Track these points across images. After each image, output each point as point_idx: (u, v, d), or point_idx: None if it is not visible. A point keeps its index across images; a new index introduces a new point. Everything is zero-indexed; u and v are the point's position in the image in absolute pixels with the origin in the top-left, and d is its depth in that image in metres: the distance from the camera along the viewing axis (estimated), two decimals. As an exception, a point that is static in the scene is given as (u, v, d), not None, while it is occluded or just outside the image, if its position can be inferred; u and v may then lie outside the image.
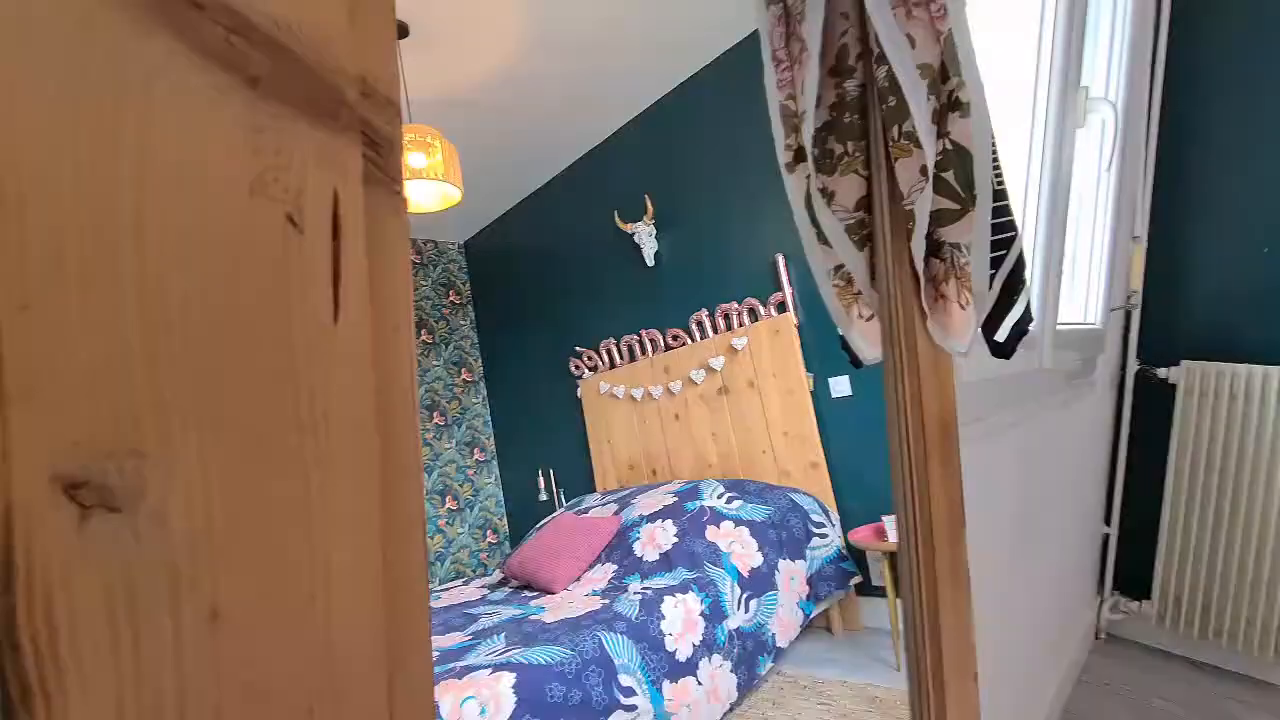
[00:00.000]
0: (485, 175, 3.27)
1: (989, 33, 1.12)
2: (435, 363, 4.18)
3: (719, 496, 2.34)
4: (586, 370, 3.44)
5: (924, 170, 0.44)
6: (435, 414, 4.12)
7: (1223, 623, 1.76)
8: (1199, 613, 1.79)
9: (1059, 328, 1.20)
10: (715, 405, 2.74)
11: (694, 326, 2.80)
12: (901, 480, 0.46)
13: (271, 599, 0.17)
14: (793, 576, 2.12)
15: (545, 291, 3.76)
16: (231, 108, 0.17)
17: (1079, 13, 1.05)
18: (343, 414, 0.18)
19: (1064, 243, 1.12)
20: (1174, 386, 1.83)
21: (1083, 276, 1.55)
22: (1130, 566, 1.97)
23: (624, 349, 3.20)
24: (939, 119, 0.44)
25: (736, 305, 2.61)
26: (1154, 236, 1.90)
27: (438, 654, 1.79)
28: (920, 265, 0.46)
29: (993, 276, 0.47)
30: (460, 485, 4.17)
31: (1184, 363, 1.80)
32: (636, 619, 1.80)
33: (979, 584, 0.94)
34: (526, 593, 2.41)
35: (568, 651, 1.62)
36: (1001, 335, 0.48)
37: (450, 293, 4.32)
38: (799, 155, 0.51)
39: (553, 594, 2.25)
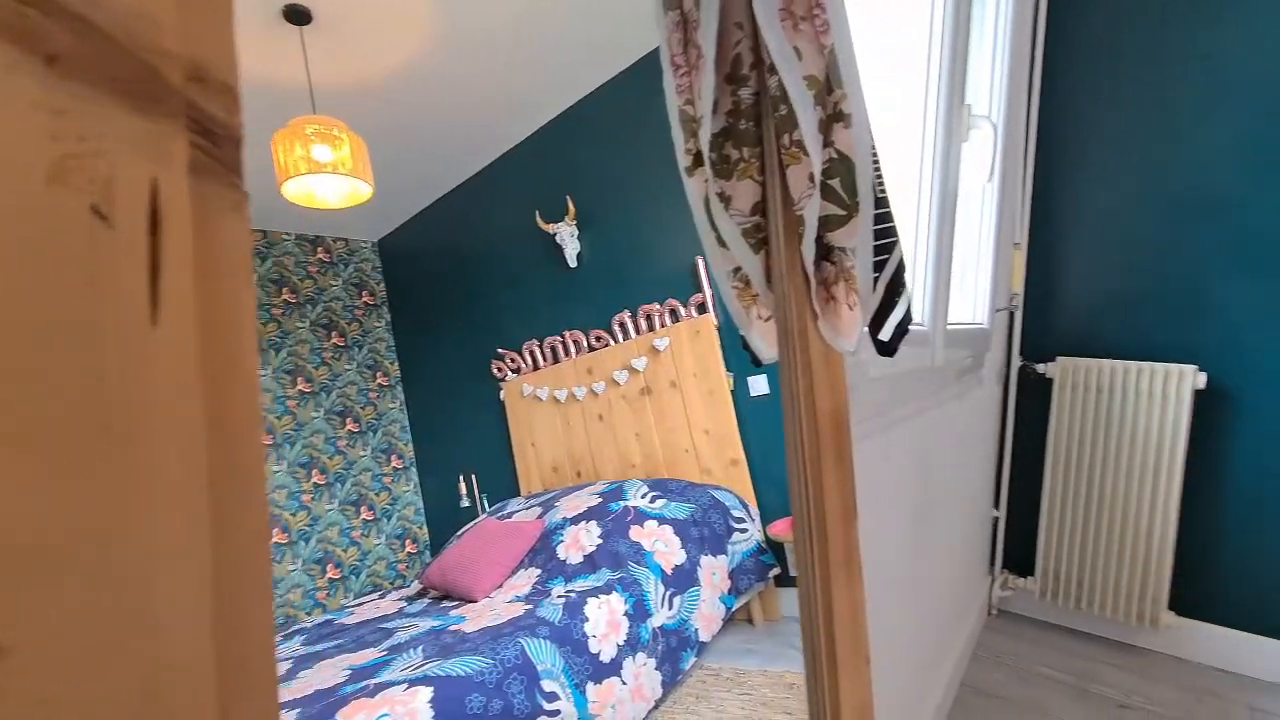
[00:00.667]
0: (399, 172, 3.15)
1: (883, 55, 1.20)
2: (348, 367, 3.98)
3: (642, 496, 2.36)
4: (509, 372, 3.38)
5: (812, 177, 0.46)
6: (349, 420, 3.93)
7: (1094, 594, 1.94)
8: (1074, 586, 1.98)
9: (950, 328, 1.29)
10: (638, 406, 2.76)
11: (616, 327, 2.81)
12: (797, 474, 0.48)
13: (74, 633, 0.15)
14: (714, 572, 2.16)
15: (465, 292, 3.66)
16: (22, 87, 0.15)
17: (962, 36, 1.13)
18: (163, 424, 0.17)
19: (953, 248, 1.21)
20: (1050, 381, 2.01)
21: (971, 280, 1.68)
22: (1017, 546, 2.14)
23: (547, 350, 3.17)
24: (825, 128, 0.46)
25: (658, 306, 2.64)
26: (1033, 243, 2.08)
27: (350, 672, 1.70)
28: (811, 268, 0.48)
29: (876, 280, 0.50)
30: (377, 494, 3.99)
31: (1059, 359, 1.98)
32: (559, 623, 1.79)
33: (879, 569, 0.99)
34: (447, 603, 2.34)
35: (488, 661, 1.58)
36: (885, 335, 0.51)
37: (363, 293, 4.13)
38: (698, 160, 0.52)
39: (474, 602, 2.19)
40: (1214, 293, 1.82)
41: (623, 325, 2.79)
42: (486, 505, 3.54)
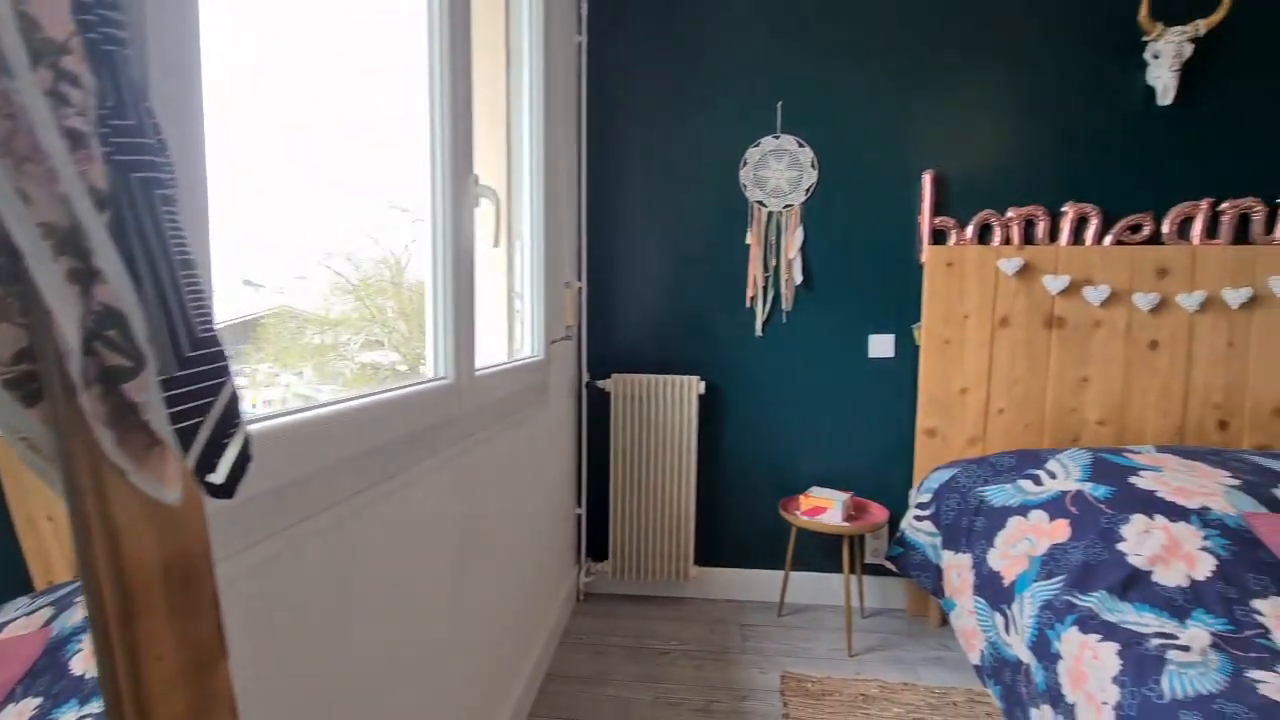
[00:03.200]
0: None
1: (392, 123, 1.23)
2: None
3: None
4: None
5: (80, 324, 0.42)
6: None
7: (648, 563, 2.40)
8: (635, 560, 2.40)
9: (485, 371, 1.40)
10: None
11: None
12: (103, 649, 0.44)
13: None
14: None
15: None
16: None
17: (463, 113, 1.23)
18: None
19: (473, 303, 1.31)
20: (609, 393, 2.39)
21: (529, 319, 1.87)
22: (597, 536, 2.50)
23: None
24: (80, 279, 0.42)
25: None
26: (594, 281, 2.44)
27: None
28: (104, 422, 0.45)
29: (200, 424, 0.49)
30: None
31: (614, 375, 2.37)
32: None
33: (414, 610, 1.02)
34: None
35: None
36: (219, 477, 0.50)
37: None
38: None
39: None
40: (707, 321, 2.41)
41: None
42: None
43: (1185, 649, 1.26)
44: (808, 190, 2.32)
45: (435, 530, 1.18)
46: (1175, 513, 1.57)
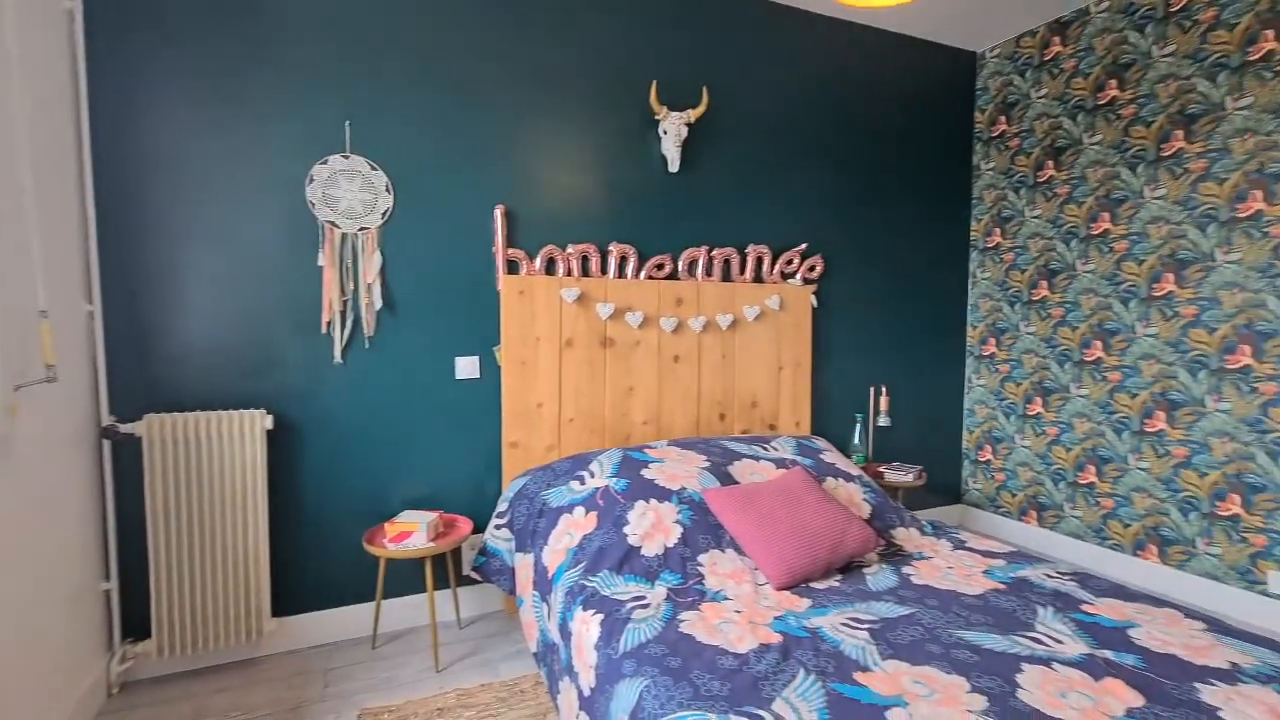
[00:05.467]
0: None
1: None
2: None
3: None
4: None
5: None
6: None
7: (208, 630, 2.07)
8: (190, 630, 2.05)
9: None
10: None
11: None
12: None
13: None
14: None
15: None
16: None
17: None
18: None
19: None
20: (140, 439, 1.99)
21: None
22: (135, 611, 2.06)
23: None
24: None
25: None
26: (115, 305, 2.00)
27: None
28: None
29: None
30: None
31: (146, 416, 1.98)
32: None
33: None
34: None
35: None
36: None
37: None
38: None
39: None
40: (276, 348, 2.20)
41: None
42: None
43: (646, 605, 1.62)
44: (384, 214, 2.30)
45: None
46: (663, 495, 2.02)
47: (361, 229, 2.28)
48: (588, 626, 1.57)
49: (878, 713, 1.15)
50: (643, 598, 1.68)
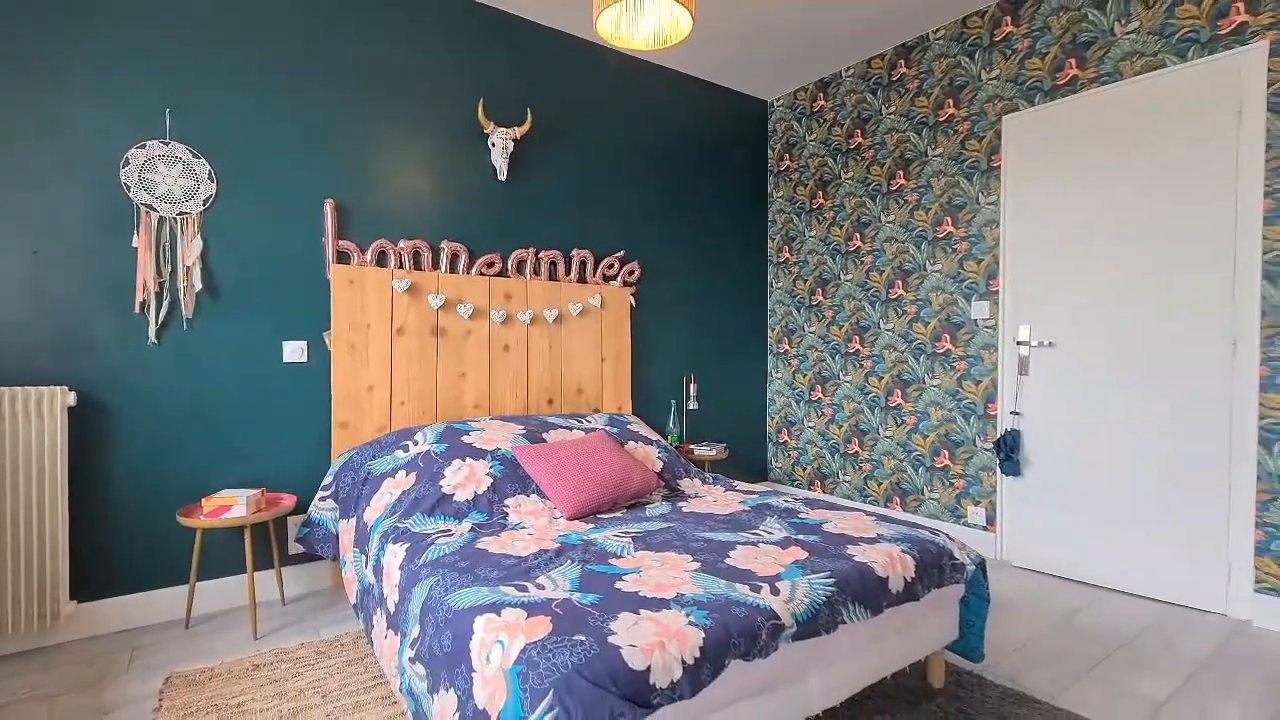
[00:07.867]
0: None
1: None
2: None
3: None
4: None
5: None
6: None
7: (3, 612, 1.99)
8: (-30, 617, 1.96)
9: None
10: None
11: None
12: None
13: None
14: None
15: None
16: None
17: None
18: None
19: None
20: (-85, 415, 1.91)
21: None
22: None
23: None
24: None
25: None
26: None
27: None
28: None
29: None
30: None
31: (-76, 392, 1.91)
32: None
33: None
34: None
35: None
36: None
37: None
38: None
39: None
40: (82, 327, 2.20)
41: None
42: None
43: (451, 535, 1.88)
44: (206, 201, 2.39)
45: None
46: (479, 454, 2.29)
47: (181, 214, 2.35)
48: (396, 556, 1.79)
49: (617, 578, 1.50)
50: (449, 531, 1.92)
